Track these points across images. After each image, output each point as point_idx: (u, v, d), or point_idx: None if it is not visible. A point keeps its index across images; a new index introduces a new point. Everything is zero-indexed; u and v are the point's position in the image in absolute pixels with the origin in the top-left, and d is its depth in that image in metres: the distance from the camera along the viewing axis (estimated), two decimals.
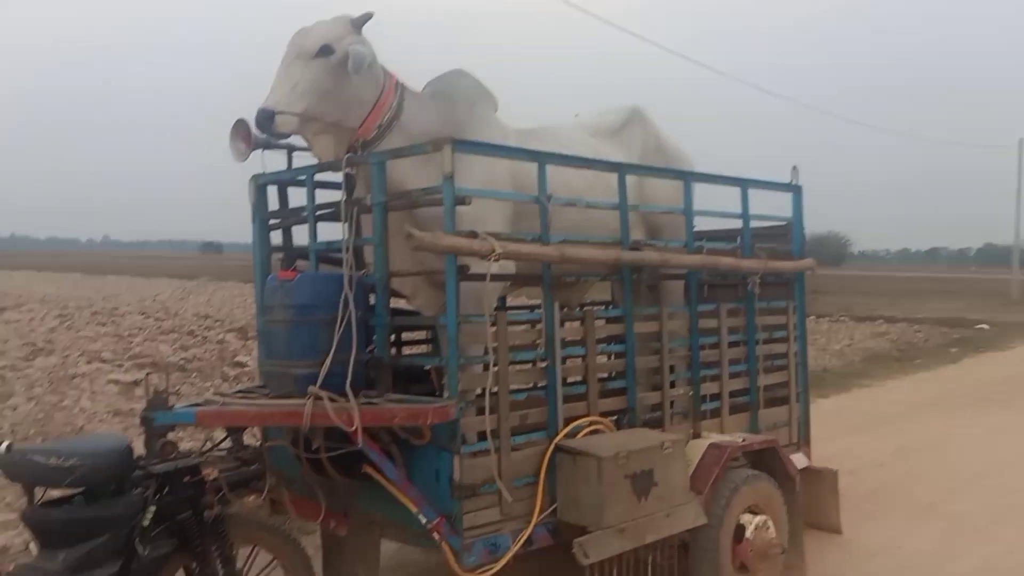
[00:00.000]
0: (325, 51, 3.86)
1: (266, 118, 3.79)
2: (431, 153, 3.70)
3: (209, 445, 3.79)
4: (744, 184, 5.04)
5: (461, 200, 3.61)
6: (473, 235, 3.62)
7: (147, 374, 3.87)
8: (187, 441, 6.60)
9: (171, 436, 3.51)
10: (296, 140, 4.71)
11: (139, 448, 3.44)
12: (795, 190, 5.44)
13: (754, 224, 5.18)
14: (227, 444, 3.77)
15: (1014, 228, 38.90)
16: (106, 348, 12.43)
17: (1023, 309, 30.47)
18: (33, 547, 3.16)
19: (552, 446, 3.88)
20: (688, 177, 4.80)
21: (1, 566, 3.07)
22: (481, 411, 3.72)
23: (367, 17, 4.01)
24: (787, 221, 5.49)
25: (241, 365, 11.39)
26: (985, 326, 21.91)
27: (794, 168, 5.45)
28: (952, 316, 25.17)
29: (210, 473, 3.35)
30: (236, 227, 4.72)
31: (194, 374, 10.68)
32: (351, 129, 3.99)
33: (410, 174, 3.90)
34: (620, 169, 4.39)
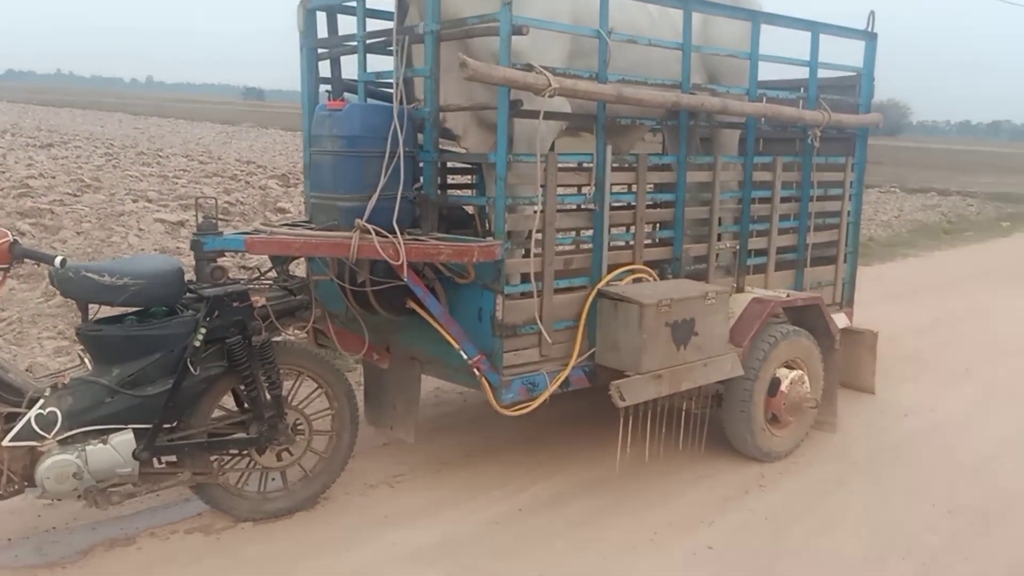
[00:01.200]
0: None
1: None
2: None
3: (257, 275, 3.85)
4: (816, 28, 4.73)
5: (518, 30, 3.43)
6: (529, 68, 3.47)
7: (196, 199, 3.86)
8: (233, 274, 6.76)
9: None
10: None
11: (190, 274, 3.50)
12: (870, 38, 5.11)
13: (821, 74, 4.89)
14: (273, 276, 3.81)
15: None
16: (152, 188, 12.56)
17: None
18: (88, 362, 3.28)
19: (594, 292, 3.87)
20: (758, 18, 4.51)
21: (58, 379, 3.20)
22: (526, 253, 3.69)
23: None
24: (856, 72, 5.18)
25: (283, 211, 11.47)
26: None
27: (871, 13, 5.09)
28: (1008, 191, 24.36)
29: (258, 300, 3.41)
30: (278, 74, 4.57)
31: (237, 218, 10.80)
32: None
33: (464, 2, 3.70)
34: (685, 5, 4.12)
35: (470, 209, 4.30)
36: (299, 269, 4.80)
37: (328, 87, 4.44)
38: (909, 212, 17.59)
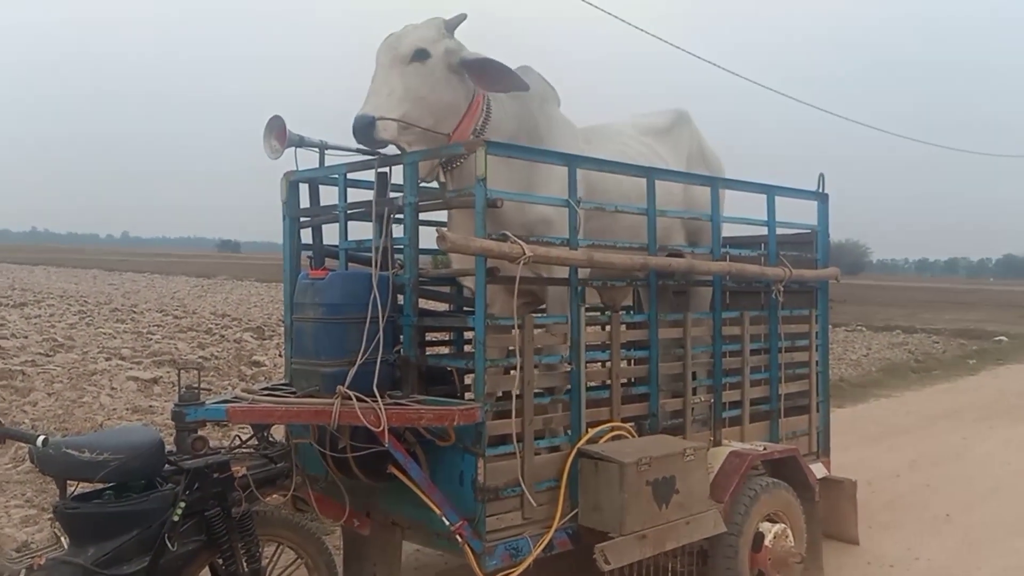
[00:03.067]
0: (420, 55, 3.86)
1: (366, 124, 3.76)
2: (508, 157, 3.87)
3: (237, 442, 3.84)
4: (771, 191, 5.05)
5: (493, 203, 3.63)
6: (504, 238, 3.65)
7: (178, 369, 3.89)
8: (213, 439, 6.67)
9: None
10: (329, 138, 4.79)
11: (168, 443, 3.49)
12: (821, 198, 5.43)
13: (780, 231, 5.17)
14: (254, 442, 3.81)
15: None
16: (125, 345, 12.55)
17: None
18: (64, 541, 3.20)
19: (575, 451, 3.90)
20: (716, 183, 4.83)
21: (33, 559, 3.11)
22: (505, 414, 3.74)
23: (461, 18, 3.99)
24: (812, 229, 5.48)
25: (258, 364, 11.47)
26: (1004, 338, 21.74)
27: (821, 175, 5.44)
28: (970, 328, 25.00)
29: (238, 470, 3.39)
30: (253, 226, 4.75)
31: (211, 373, 10.77)
32: (444, 136, 3.98)
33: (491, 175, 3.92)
34: (648, 174, 4.40)
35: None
36: (279, 430, 4.78)
37: (310, 253, 4.60)
38: (877, 350, 17.94)
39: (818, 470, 5.07)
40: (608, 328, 4.29)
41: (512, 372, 3.79)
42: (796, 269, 5.04)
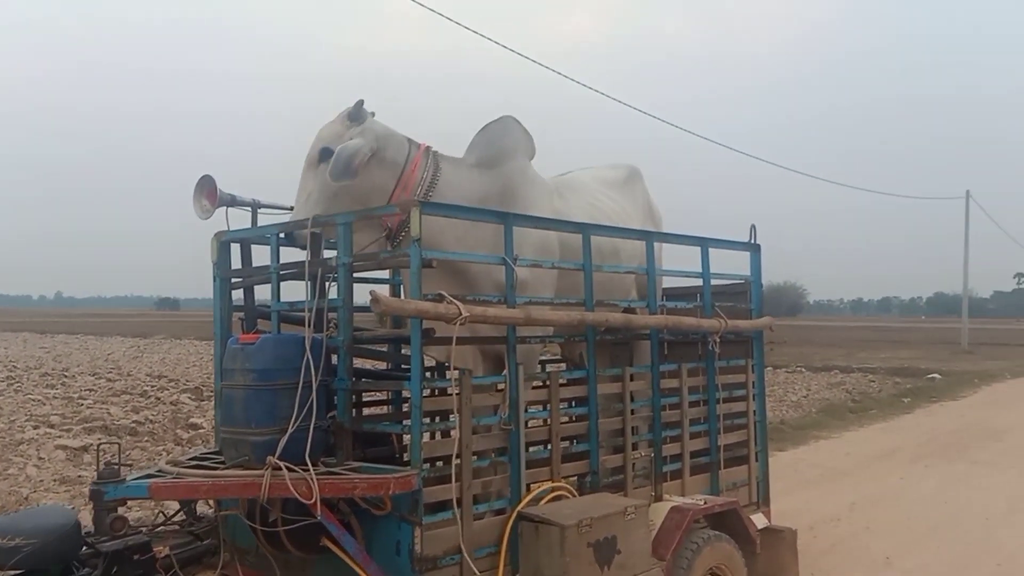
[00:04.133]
0: (325, 155, 3.94)
1: (289, 233, 4.01)
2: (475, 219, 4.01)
3: (161, 518, 3.68)
4: (705, 243, 5.13)
5: (428, 263, 3.61)
6: (440, 298, 3.61)
7: (98, 443, 3.72)
8: (138, 510, 6.40)
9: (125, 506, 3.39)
10: (261, 197, 4.73)
11: (87, 519, 3.32)
12: (753, 249, 5.54)
13: (714, 282, 5.24)
14: (180, 516, 3.66)
15: (963, 278, 40.04)
16: (55, 411, 12.04)
17: (972, 358, 31.22)
18: None
19: (514, 514, 3.83)
20: (652, 237, 4.89)
21: None
22: (444, 479, 3.66)
23: (359, 106, 4.05)
24: (746, 279, 5.57)
25: (195, 427, 11.12)
26: (937, 376, 22.37)
27: (752, 227, 5.55)
28: (905, 366, 25.70)
29: (161, 550, 3.25)
30: (193, 283, 4.65)
31: (146, 438, 10.40)
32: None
33: (449, 237, 4.03)
34: (584, 230, 4.43)
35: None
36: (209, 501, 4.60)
37: (242, 315, 4.50)
38: (816, 391, 18.27)
39: (759, 520, 5.08)
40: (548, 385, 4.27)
41: (451, 434, 3.72)
42: (731, 319, 5.11)
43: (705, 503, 4.52)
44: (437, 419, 4.44)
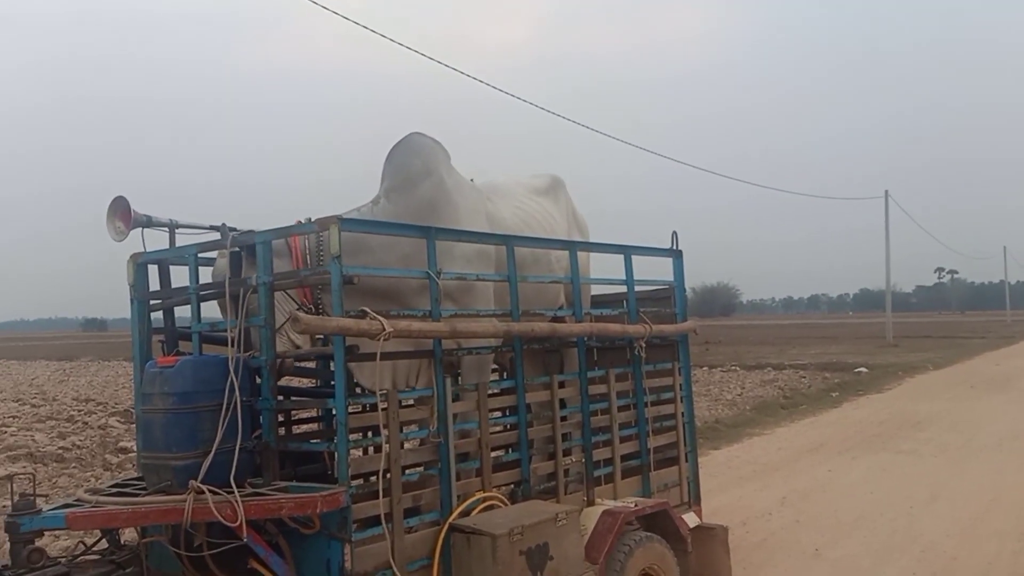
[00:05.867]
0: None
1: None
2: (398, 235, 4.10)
3: (82, 547, 3.58)
4: (628, 251, 5.21)
5: (349, 280, 3.60)
6: (363, 315, 3.61)
7: (12, 475, 3.61)
8: (63, 539, 6.20)
9: (44, 535, 3.29)
10: (179, 217, 4.64)
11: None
12: (676, 255, 5.65)
13: (639, 288, 5.34)
14: (102, 545, 3.56)
15: (885, 274, 41.56)
16: None
17: (897, 351, 32.39)
18: None
19: (446, 526, 3.84)
20: (574, 246, 4.96)
21: None
22: (374, 495, 3.65)
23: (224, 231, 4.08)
24: (670, 284, 5.68)
25: (125, 451, 10.81)
26: (863, 369, 23.15)
27: (674, 233, 5.67)
28: (833, 361, 26.54)
29: None
30: (121, 303, 4.56)
31: (73, 464, 10.07)
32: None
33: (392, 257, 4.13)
34: (508, 242, 4.48)
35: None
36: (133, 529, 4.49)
37: (162, 337, 4.41)
38: (750, 389, 18.71)
39: (690, 519, 5.19)
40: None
41: (379, 449, 3.71)
42: (656, 324, 5.21)
43: (636, 505, 4.60)
44: (370, 434, 4.43)
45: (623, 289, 5.28)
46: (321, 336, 4.14)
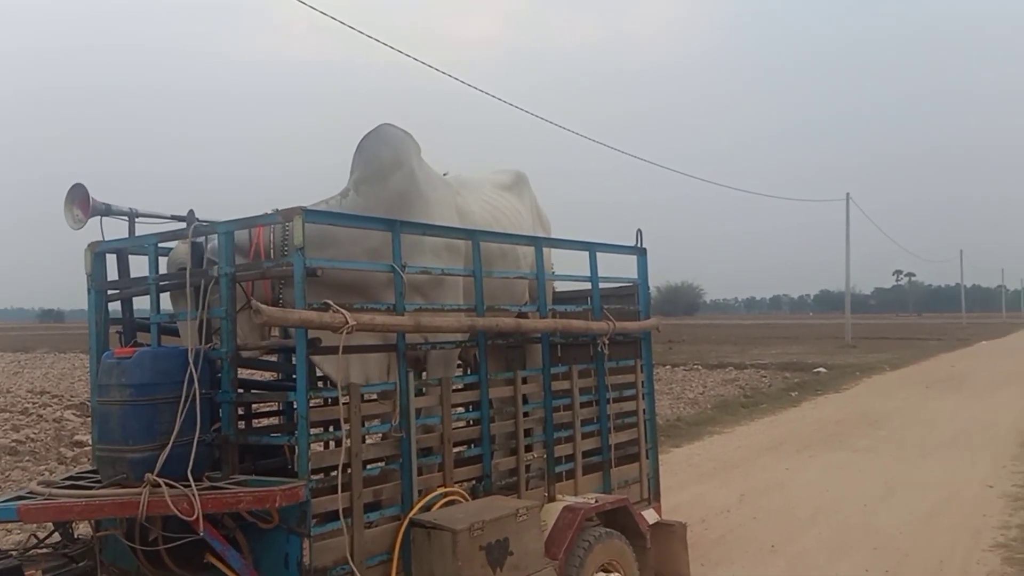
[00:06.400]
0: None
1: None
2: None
3: (34, 541, 3.51)
4: (592, 248, 5.24)
5: (312, 272, 3.57)
6: (326, 307, 3.58)
7: None
8: (16, 532, 6.08)
9: None
10: (138, 206, 4.57)
11: None
12: (640, 252, 5.69)
13: (603, 286, 5.37)
14: (55, 538, 3.50)
15: (845, 275, 42.29)
16: None
17: (855, 352, 33.00)
18: None
19: (407, 521, 3.84)
20: (540, 242, 4.98)
21: None
22: (334, 489, 3.63)
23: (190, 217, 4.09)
24: (633, 282, 5.72)
25: (80, 444, 10.62)
26: (822, 369, 23.56)
27: (638, 231, 5.71)
28: (793, 360, 26.96)
29: (33, 574, 3.10)
30: (79, 294, 4.48)
31: (27, 457, 9.87)
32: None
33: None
34: (474, 236, 4.48)
35: None
36: (87, 523, 4.41)
37: (119, 327, 4.34)
38: (712, 387, 18.94)
39: (650, 516, 5.24)
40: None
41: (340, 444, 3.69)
42: (620, 321, 5.24)
43: (596, 501, 4.63)
44: (331, 428, 4.40)
45: (587, 286, 5.30)
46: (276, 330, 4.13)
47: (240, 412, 4.21)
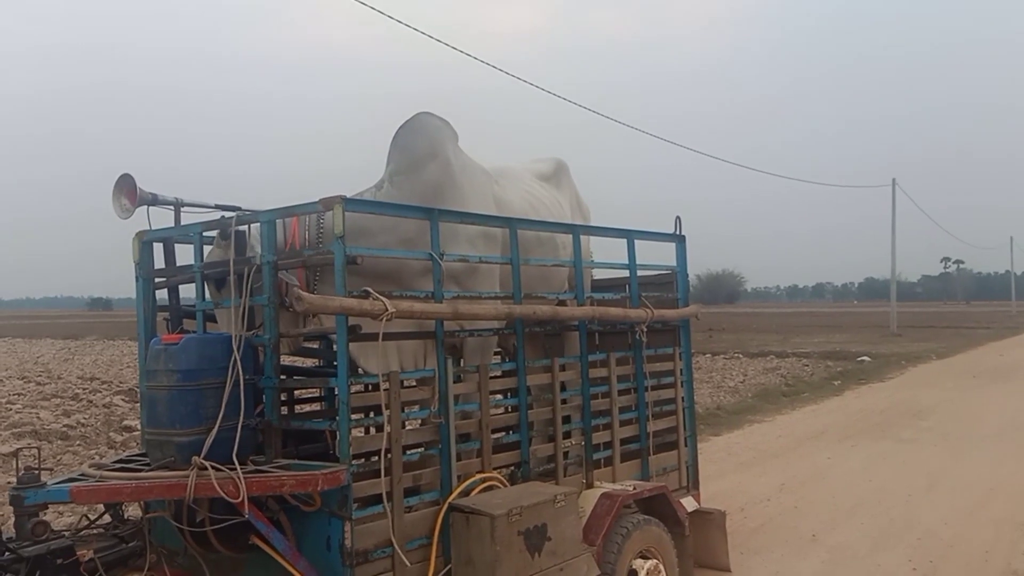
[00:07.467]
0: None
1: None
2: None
3: (85, 522, 3.63)
4: (631, 235, 5.22)
5: (352, 260, 3.62)
6: (365, 295, 3.63)
7: (17, 450, 3.65)
8: (68, 514, 6.27)
9: (49, 511, 3.34)
10: (184, 196, 4.66)
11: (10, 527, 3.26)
12: (679, 240, 5.66)
13: (641, 273, 5.35)
14: (106, 519, 3.61)
15: (891, 264, 41.41)
16: None
17: (900, 341, 32.37)
18: None
19: (446, 505, 3.88)
20: (577, 230, 4.97)
21: None
22: (375, 474, 3.69)
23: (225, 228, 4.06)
24: (672, 269, 5.69)
25: (129, 429, 10.89)
26: (866, 358, 23.16)
27: (677, 218, 5.68)
28: (836, 349, 26.55)
29: (85, 554, 3.21)
30: (126, 282, 4.59)
31: (77, 442, 10.15)
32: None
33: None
34: (511, 224, 4.49)
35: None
36: (136, 504, 4.54)
37: (166, 314, 4.44)
38: (752, 376, 18.75)
39: (688, 503, 5.23)
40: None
41: (381, 429, 3.75)
42: (658, 309, 5.22)
43: (634, 489, 4.64)
44: (372, 414, 4.47)
45: (625, 273, 5.29)
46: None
47: (283, 398, 4.30)
